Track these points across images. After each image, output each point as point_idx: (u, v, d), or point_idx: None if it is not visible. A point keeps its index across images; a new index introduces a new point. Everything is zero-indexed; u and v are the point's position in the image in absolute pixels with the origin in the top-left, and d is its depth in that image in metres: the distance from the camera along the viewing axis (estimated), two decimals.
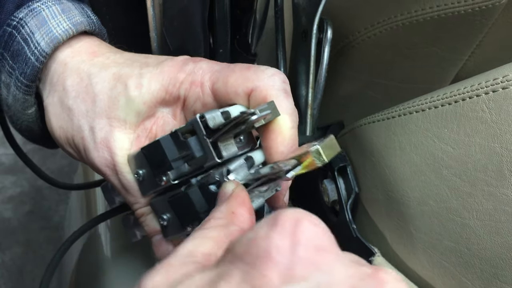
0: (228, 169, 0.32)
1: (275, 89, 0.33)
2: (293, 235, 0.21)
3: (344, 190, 0.47)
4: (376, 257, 0.42)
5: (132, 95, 0.35)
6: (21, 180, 1.75)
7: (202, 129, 0.31)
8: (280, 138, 0.33)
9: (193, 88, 0.34)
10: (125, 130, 0.36)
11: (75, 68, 0.37)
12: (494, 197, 0.33)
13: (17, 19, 0.37)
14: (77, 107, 0.37)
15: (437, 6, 0.47)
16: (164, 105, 0.36)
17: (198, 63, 0.35)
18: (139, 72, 0.35)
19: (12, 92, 0.39)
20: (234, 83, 0.33)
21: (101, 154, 0.36)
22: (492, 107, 0.33)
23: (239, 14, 0.43)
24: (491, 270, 0.34)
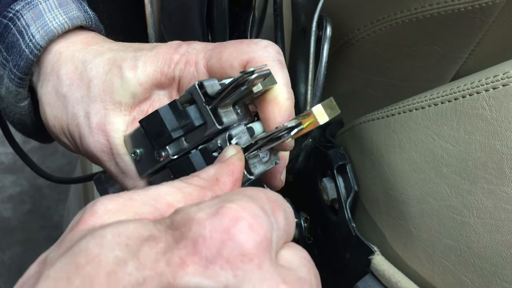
0: (230, 134, 0.32)
1: (270, 60, 0.33)
2: (226, 232, 0.21)
3: (343, 189, 0.47)
4: (376, 256, 0.42)
5: (127, 77, 0.35)
6: (21, 179, 1.75)
7: (201, 96, 0.31)
8: (277, 108, 0.33)
9: (188, 68, 0.34)
10: (121, 112, 0.36)
11: (69, 57, 0.37)
12: (494, 195, 0.33)
13: (13, 11, 0.37)
14: (71, 94, 0.37)
15: (437, 4, 0.47)
16: (160, 87, 0.36)
17: (191, 44, 0.35)
18: (134, 55, 0.35)
19: (5, 84, 0.39)
20: (229, 57, 0.33)
21: (97, 139, 0.36)
22: (492, 104, 0.33)
23: (237, 11, 0.42)
24: (491, 268, 0.33)
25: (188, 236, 0.21)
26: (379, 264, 0.41)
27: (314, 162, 0.52)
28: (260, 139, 0.32)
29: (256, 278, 0.20)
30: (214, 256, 0.20)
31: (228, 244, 0.20)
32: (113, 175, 0.37)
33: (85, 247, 0.20)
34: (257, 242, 0.21)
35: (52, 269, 0.20)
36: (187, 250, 0.20)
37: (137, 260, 0.20)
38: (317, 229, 0.53)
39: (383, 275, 0.40)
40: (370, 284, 0.42)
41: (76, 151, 0.39)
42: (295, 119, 0.31)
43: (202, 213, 0.21)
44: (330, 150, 0.48)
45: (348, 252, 0.45)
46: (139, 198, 0.24)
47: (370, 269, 0.42)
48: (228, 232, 0.21)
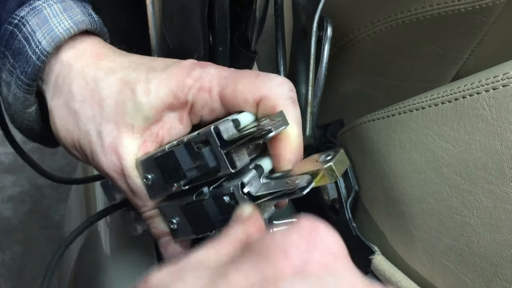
0: (243, 182, 0.33)
1: (283, 98, 0.33)
2: (310, 238, 0.21)
3: (344, 189, 0.47)
4: (376, 256, 0.42)
5: (140, 101, 0.35)
6: (21, 179, 1.75)
7: (217, 141, 0.32)
8: (289, 147, 0.34)
9: (201, 94, 0.34)
10: (133, 135, 0.36)
11: (80, 71, 0.37)
12: (494, 195, 0.33)
13: (18, 17, 0.37)
14: (84, 112, 0.37)
15: (437, 4, 0.47)
16: (171, 110, 0.35)
17: (205, 68, 0.35)
18: (146, 77, 0.35)
19: (13, 90, 0.39)
20: (244, 90, 0.33)
21: (109, 158, 0.36)
22: (493, 105, 0.33)
23: (239, 11, 0.43)
24: (491, 268, 0.34)
25: (276, 248, 0.21)
26: (380, 264, 0.41)
27: None
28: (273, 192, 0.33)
29: (349, 274, 0.21)
30: (307, 260, 0.21)
31: (317, 247, 0.21)
32: (122, 191, 0.38)
33: None
34: (340, 243, 0.22)
35: None
36: (278, 258, 0.20)
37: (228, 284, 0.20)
38: None
39: (383, 275, 0.41)
40: None
41: (87, 163, 0.39)
42: (307, 174, 0.32)
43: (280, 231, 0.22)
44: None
45: (348, 252, 0.45)
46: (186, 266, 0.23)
47: (370, 269, 0.42)
48: (313, 237, 0.21)
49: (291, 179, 0.33)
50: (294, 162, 0.34)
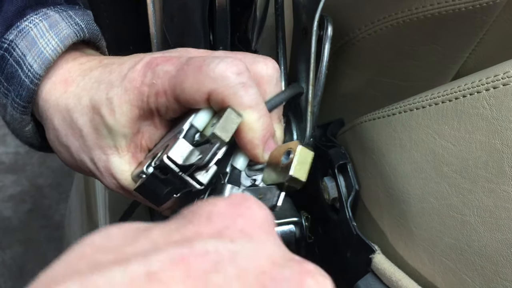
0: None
1: (230, 87, 0.32)
2: (237, 208, 0.22)
3: (344, 188, 0.47)
4: (376, 255, 0.42)
5: (110, 124, 0.35)
6: (21, 179, 1.75)
7: (175, 168, 0.32)
8: (251, 134, 0.33)
9: (159, 99, 0.34)
10: (120, 154, 0.37)
11: (55, 105, 0.38)
12: (495, 194, 0.33)
13: (7, 41, 0.38)
14: (72, 144, 0.38)
15: (438, 4, 0.47)
16: (143, 119, 0.36)
17: (155, 70, 0.34)
18: (107, 98, 0.35)
19: (9, 112, 0.40)
20: (190, 89, 0.32)
21: (109, 180, 0.38)
22: (493, 104, 0.33)
23: (239, 11, 0.43)
24: (492, 267, 0.34)
25: (201, 214, 0.21)
26: (380, 263, 0.41)
27: (315, 161, 0.52)
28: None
29: (270, 244, 0.21)
30: (228, 225, 0.21)
31: (242, 216, 0.21)
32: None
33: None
34: (268, 218, 0.22)
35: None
36: (201, 223, 0.21)
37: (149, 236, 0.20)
38: (318, 228, 0.53)
39: (384, 274, 0.41)
40: (371, 283, 0.42)
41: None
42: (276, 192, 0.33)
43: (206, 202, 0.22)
44: (331, 150, 0.48)
45: (349, 251, 0.45)
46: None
47: (371, 268, 0.42)
48: (241, 207, 0.22)
49: (263, 192, 0.33)
50: (265, 146, 0.34)
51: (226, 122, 0.31)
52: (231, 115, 0.32)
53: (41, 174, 1.77)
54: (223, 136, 0.31)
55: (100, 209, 0.75)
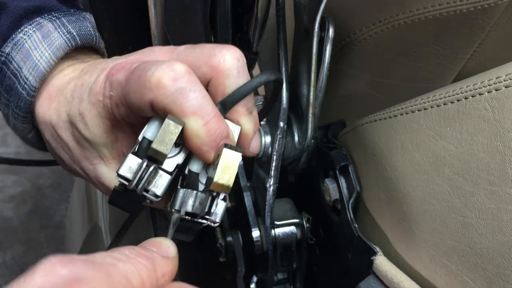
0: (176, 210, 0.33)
1: (168, 95, 0.31)
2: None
3: (345, 189, 0.47)
4: (378, 256, 0.42)
5: (87, 137, 0.36)
6: (22, 179, 1.76)
7: (127, 183, 0.32)
8: (198, 141, 0.32)
9: (120, 110, 0.34)
10: (105, 162, 0.38)
11: (43, 121, 0.39)
12: (497, 196, 0.33)
13: (4, 54, 0.39)
14: (63, 156, 0.39)
15: (439, 5, 0.47)
16: (116, 129, 0.36)
17: (112, 82, 0.34)
18: (79, 112, 0.36)
19: (11, 121, 0.41)
20: (135, 101, 0.32)
21: (103, 188, 0.39)
22: (495, 106, 0.33)
23: (240, 12, 0.42)
24: (494, 269, 0.33)
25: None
26: (382, 265, 0.41)
27: (316, 163, 0.52)
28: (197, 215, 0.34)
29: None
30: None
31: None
32: None
33: None
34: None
35: None
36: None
37: None
38: (319, 229, 0.53)
39: (385, 276, 0.40)
40: (372, 285, 0.42)
41: None
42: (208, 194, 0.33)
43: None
44: (332, 151, 0.48)
45: (350, 253, 0.45)
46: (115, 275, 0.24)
47: (372, 270, 0.42)
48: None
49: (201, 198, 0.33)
50: (214, 148, 0.32)
51: (164, 134, 0.31)
52: (168, 126, 0.31)
53: (41, 175, 1.77)
54: (161, 149, 0.31)
55: (101, 210, 0.75)
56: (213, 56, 0.33)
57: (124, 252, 0.26)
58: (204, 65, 0.33)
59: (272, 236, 0.52)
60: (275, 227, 0.52)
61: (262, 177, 0.51)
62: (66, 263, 0.23)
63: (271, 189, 0.49)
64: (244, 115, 0.35)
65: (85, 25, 0.40)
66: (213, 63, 0.33)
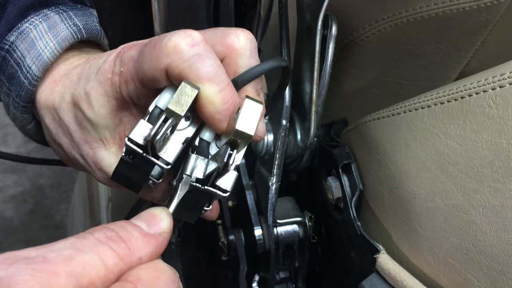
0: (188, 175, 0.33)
1: (184, 60, 0.31)
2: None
3: (348, 187, 0.47)
4: (381, 254, 0.42)
5: (91, 117, 0.36)
6: (23, 179, 1.75)
7: (137, 150, 0.31)
8: (212, 108, 0.32)
9: (129, 87, 0.34)
10: (106, 146, 0.37)
11: (45, 105, 0.39)
12: (501, 193, 0.33)
13: (8, 42, 0.39)
14: (63, 142, 0.39)
15: (442, 3, 0.47)
16: (121, 110, 0.36)
17: (122, 58, 0.34)
18: (85, 92, 0.35)
19: (11, 111, 0.41)
20: (149, 69, 0.32)
21: (100, 175, 0.38)
22: (499, 103, 0.33)
23: (243, 10, 0.42)
24: (498, 267, 0.33)
25: None
26: (385, 263, 0.41)
27: (319, 161, 0.52)
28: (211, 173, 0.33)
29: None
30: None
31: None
32: None
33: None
34: None
35: None
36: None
37: None
38: (321, 228, 0.53)
39: (388, 274, 0.40)
40: (375, 283, 0.42)
41: None
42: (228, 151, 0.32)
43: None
44: (335, 149, 0.48)
45: (353, 251, 0.45)
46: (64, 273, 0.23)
47: (375, 268, 0.42)
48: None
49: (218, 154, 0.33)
50: (227, 117, 0.32)
51: (180, 96, 0.30)
52: (185, 88, 0.30)
53: (42, 175, 1.77)
54: (177, 110, 0.30)
55: (103, 209, 0.74)
56: (228, 36, 0.33)
57: (96, 236, 0.25)
58: (219, 43, 0.33)
59: (275, 235, 0.52)
60: (278, 226, 0.52)
61: (265, 176, 0.51)
62: (9, 264, 0.22)
63: (273, 188, 0.49)
64: (253, 96, 0.35)
65: (91, 20, 0.40)
66: (228, 42, 0.33)
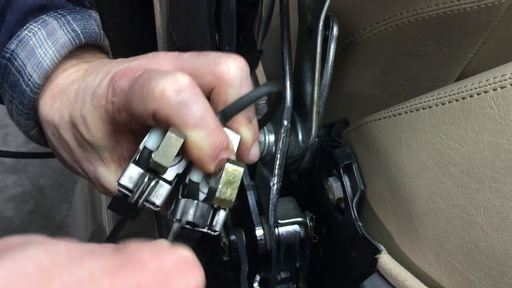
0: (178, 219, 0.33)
1: (171, 106, 0.31)
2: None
3: (349, 188, 0.47)
4: (382, 255, 0.42)
5: (89, 140, 0.36)
6: (23, 179, 1.76)
7: (128, 193, 0.32)
8: (199, 153, 0.32)
9: (121, 115, 0.34)
10: (106, 165, 0.38)
11: (46, 120, 0.39)
12: (502, 193, 0.33)
13: (9, 51, 0.39)
14: (65, 156, 0.39)
15: (443, 3, 0.47)
16: (117, 133, 0.36)
17: (115, 88, 0.34)
18: (81, 115, 0.36)
19: (15, 117, 0.41)
20: (137, 109, 0.32)
21: (101, 189, 0.39)
22: (500, 104, 0.33)
23: (244, 11, 0.43)
24: (499, 267, 0.34)
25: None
26: (386, 263, 0.41)
27: (320, 161, 0.52)
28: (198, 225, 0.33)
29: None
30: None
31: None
32: None
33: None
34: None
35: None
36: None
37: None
38: (322, 228, 0.53)
39: (389, 274, 0.40)
40: (376, 283, 0.42)
41: None
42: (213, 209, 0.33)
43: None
44: (336, 150, 0.48)
45: (354, 251, 0.45)
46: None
47: (376, 268, 0.42)
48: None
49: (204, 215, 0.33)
50: (215, 160, 0.33)
51: (165, 147, 0.31)
52: (170, 139, 0.31)
53: (42, 175, 1.77)
54: (162, 162, 0.31)
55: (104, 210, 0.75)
56: (218, 65, 0.33)
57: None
58: (208, 73, 0.33)
59: (276, 235, 0.52)
60: (279, 226, 0.52)
61: (266, 176, 0.51)
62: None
63: (274, 188, 0.49)
64: (244, 125, 0.35)
65: (90, 23, 0.40)
66: (217, 72, 0.33)
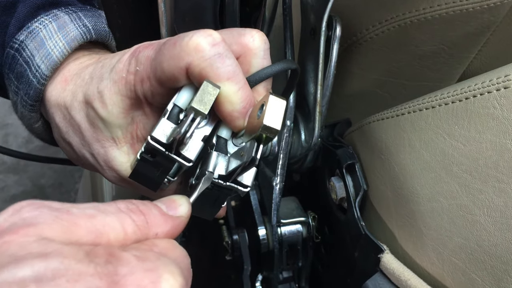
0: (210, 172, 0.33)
1: (205, 59, 0.31)
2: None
3: (352, 188, 0.47)
4: (385, 254, 0.42)
5: (104, 116, 0.36)
6: (24, 179, 1.76)
7: (160, 148, 0.32)
8: (230, 107, 0.32)
9: (144, 86, 0.34)
10: (117, 145, 0.37)
11: (55, 104, 0.39)
12: (505, 193, 0.33)
13: (18, 41, 0.39)
14: (73, 140, 0.39)
15: (446, 4, 0.48)
16: (134, 109, 0.36)
17: (138, 58, 0.34)
18: (98, 91, 0.36)
19: (19, 109, 0.41)
20: (169, 68, 0.32)
21: (110, 174, 0.39)
22: (504, 104, 0.33)
23: (248, 11, 0.43)
24: (502, 266, 0.34)
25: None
26: (389, 263, 0.41)
27: (323, 161, 0.52)
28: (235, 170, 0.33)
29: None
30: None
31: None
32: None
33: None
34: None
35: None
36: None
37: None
38: (324, 228, 0.53)
39: (392, 274, 0.41)
40: (379, 283, 0.42)
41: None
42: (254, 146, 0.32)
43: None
44: (339, 150, 0.48)
45: (357, 251, 0.45)
46: (85, 226, 0.24)
47: (379, 268, 0.42)
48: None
49: (243, 150, 0.33)
50: (245, 115, 0.33)
51: (203, 95, 0.31)
52: (207, 87, 0.31)
53: (43, 175, 1.77)
54: (201, 108, 0.31)
55: None
56: (243, 36, 0.34)
57: (118, 205, 0.26)
58: (235, 43, 0.34)
59: (278, 235, 0.52)
60: (281, 226, 0.52)
61: (268, 176, 0.51)
62: (35, 207, 0.23)
63: (277, 188, 0.49)
64: (263, 95, 0.36)
65: (100, 21, 0.40)
66: (244, 41, 0.34)
